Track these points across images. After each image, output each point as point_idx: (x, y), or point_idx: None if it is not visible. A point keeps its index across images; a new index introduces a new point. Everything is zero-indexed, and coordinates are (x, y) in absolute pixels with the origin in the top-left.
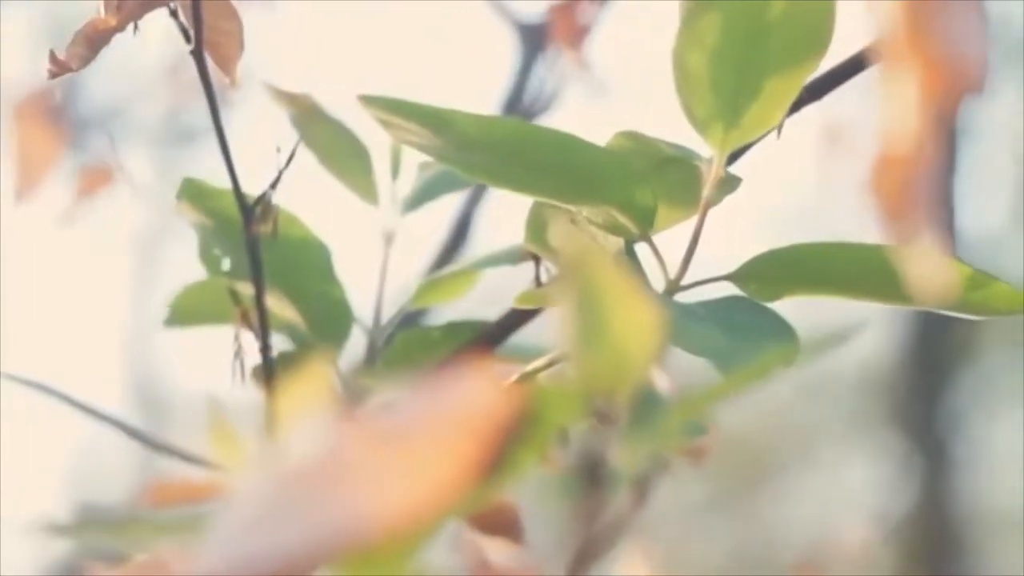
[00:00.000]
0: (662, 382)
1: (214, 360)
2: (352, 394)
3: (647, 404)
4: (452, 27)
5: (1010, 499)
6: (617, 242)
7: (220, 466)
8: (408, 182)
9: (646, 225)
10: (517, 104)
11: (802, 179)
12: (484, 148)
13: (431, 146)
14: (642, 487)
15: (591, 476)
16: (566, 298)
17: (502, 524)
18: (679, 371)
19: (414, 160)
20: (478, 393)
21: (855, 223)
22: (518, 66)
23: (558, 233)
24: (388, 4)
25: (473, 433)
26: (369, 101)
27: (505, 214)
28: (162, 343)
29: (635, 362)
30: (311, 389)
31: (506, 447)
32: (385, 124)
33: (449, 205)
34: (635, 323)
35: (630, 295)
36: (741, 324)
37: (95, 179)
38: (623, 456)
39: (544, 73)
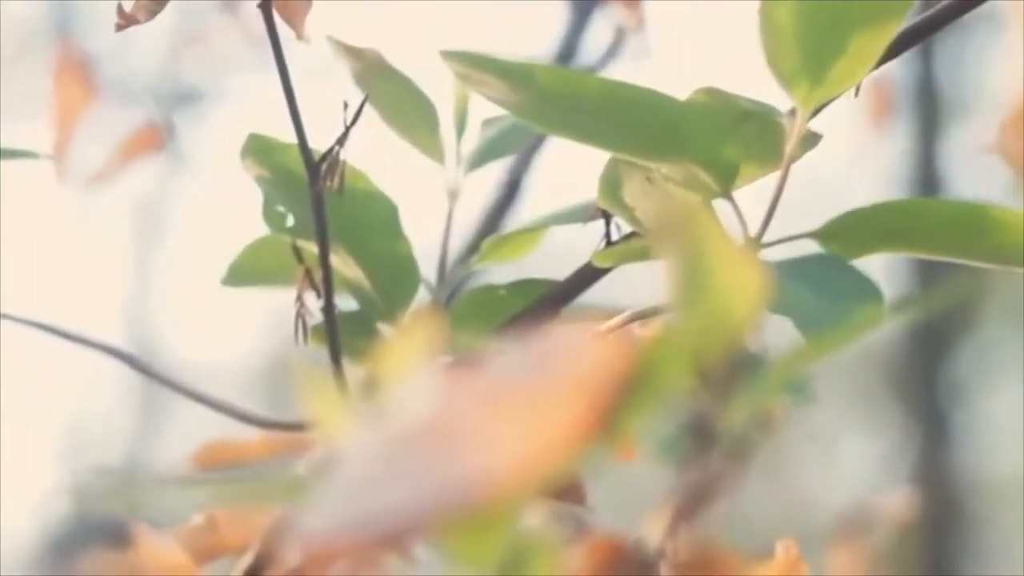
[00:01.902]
0: (754, 341)
1: (212, 326)
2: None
3: (744, 363)
4: None
5: (1011, 470)
6: (695, 199)
7: (312, 426)
8: (473, 139)
9: (728, 182)
10: (568, 62)
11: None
12: (565, 103)
13: (510, 101)
14: (743, 447)
15: (695, 435)
16: (668, 255)
17: (566, 485)
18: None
19: (479, 117)
20: (588, 350)
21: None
22: (570, 23)
23: (634, 191)
24: None
25: (585, 391)
26: (449, 55)
27: (556, 174)
28: (162, 309)
29: (740, 320)
30: (414, 348)
31: (617, 405)
32: (464, 79)
33: (498, 165)
34: (740, 280)
35: (734, 252)
36: (828, 283)
37: (140, 142)
38: (730, 415)
39: (597, 30)
